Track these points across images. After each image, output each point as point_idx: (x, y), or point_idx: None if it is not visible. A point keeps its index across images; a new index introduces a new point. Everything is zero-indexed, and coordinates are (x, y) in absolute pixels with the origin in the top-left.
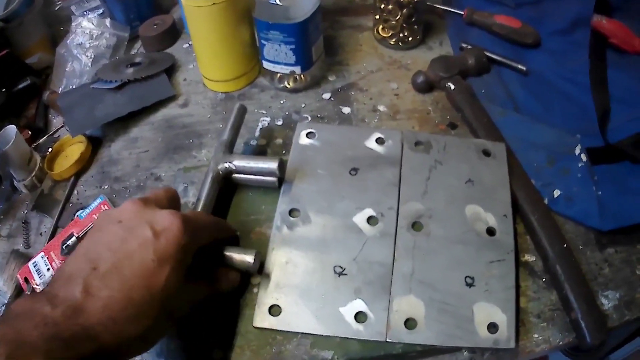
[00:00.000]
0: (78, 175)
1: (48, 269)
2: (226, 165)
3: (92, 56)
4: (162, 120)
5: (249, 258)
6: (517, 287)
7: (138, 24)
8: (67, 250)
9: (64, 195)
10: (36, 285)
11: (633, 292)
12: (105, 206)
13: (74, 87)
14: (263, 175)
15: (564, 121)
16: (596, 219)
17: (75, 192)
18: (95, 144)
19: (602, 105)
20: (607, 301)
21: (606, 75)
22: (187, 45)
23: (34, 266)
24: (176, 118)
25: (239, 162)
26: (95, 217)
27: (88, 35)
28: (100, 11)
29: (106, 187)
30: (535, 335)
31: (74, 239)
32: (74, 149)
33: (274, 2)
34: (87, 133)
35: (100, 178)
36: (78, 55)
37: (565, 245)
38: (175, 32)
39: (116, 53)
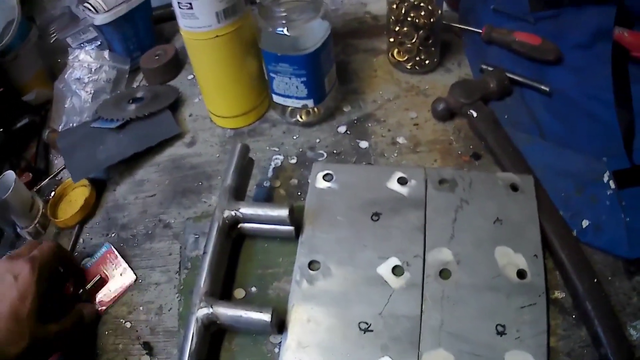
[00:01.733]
0: (83, 221)
1: None
2: (232, 213)
3: (92, 91)
4: (169, 160)
5: (265, 317)
6: (548, 326)
7: (139, 54)
8: None
9: (69, 244)
10: None
11: None
12: (111, 255)
13: (74, 124)
14: (275, 224)
15: (590, 143)
16: (625, 247)
17: (80, 240)
18: (99, 186)
19: (627, 123)
20: (636, 332)
21: (630, 91)
22: (192, 76)
23: None
24: (183, 158)
25: (246, 210)
26: None
27: (87, 69)
28: (98, 43)
29: (113, 234)
30: None
31: (82, 293)
32: (77, 193)
33: (282, 32)
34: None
35: (106, 225)
36: (77, 90)
37: (595, 280)
38: (178, 62)
39: (117, 87)
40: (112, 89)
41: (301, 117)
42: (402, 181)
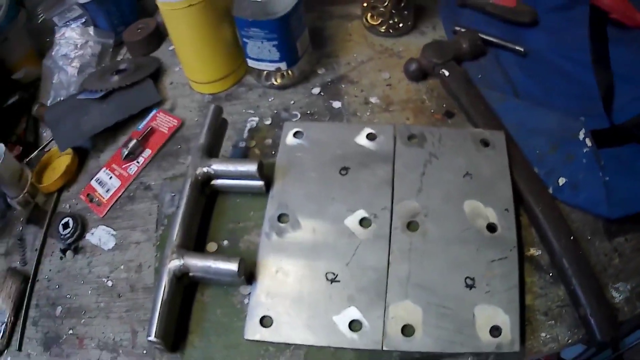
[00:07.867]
0: (67, 186)
1: (110, 178)
2: (204, 170)
3: (78, 66)
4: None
5: (233, 266)
6: (522, 284)
7: (122, 29)
8: (128, 152)
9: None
10: (101, 197)
11: None
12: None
13: (61, 99)
14: (245, 179)
15: (566, 103)
16: (604, 206)
17: (66, 205)
18: (83, 154)
19: (606, 83)
20: (618, 294)
21: (608, 52)
22: (172, 47)
23: (97, 182)
24: None
25: (217, 166)
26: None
27: (72, 45)
28: (83, 20)
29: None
30: (543, 334)
31: (134, 142)
32: (61, 162)
33: None
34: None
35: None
36: (64, 66)
37: (572, 238)
38: (159, 34)
39: (102, 61)
40: (97, 63)
41: (276, 80)
42: (371, 137)
